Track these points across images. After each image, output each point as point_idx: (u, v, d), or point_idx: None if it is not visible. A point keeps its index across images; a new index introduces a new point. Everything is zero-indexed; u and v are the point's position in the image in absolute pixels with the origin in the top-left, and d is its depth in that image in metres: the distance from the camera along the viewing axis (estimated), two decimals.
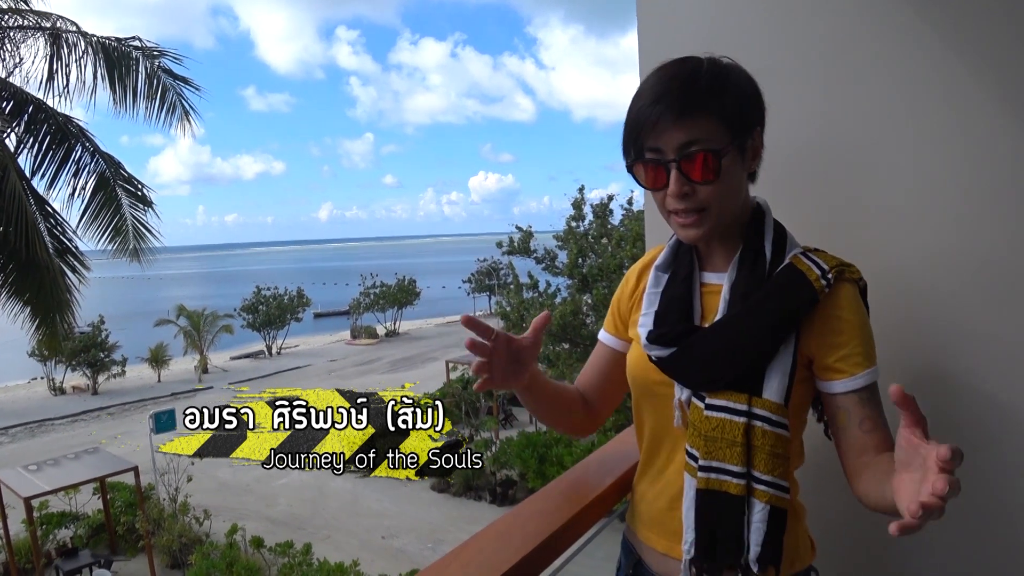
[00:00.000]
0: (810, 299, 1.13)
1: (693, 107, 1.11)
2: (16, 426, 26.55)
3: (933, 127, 1.32)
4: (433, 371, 29.67)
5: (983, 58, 1.26)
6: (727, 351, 1.16)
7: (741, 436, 1.14)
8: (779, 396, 1.14)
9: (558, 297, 17.60)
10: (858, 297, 1.17)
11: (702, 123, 1.11)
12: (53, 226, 9.45)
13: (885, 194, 1.40)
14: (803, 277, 1.14)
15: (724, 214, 1.17)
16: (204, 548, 12.93)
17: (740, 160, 1.16)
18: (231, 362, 38.51)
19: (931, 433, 1.36)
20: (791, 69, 1.50)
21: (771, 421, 1.13)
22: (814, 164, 1.50)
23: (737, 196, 1.19)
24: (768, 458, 1.13)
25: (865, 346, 1.14)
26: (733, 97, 1.14)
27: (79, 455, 14.48)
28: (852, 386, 1.14)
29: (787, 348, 1.15)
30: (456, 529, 14.71)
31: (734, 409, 1.15)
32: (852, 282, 1.17)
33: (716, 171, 1.11)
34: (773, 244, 1.21)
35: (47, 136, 9.39)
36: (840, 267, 1.16)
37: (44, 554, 13.24)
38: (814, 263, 1.15)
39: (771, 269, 1.19)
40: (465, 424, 19.48)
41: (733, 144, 1.13)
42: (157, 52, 9.96)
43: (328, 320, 54.20)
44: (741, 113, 1.14)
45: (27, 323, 9.19)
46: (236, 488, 18.46)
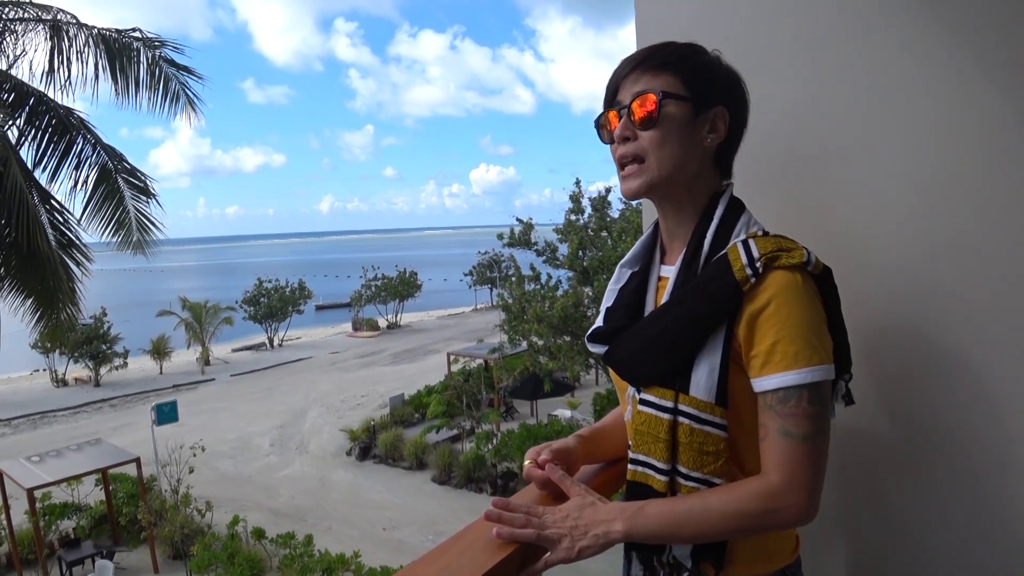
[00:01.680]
0: (733, 291, 1.06)
1: (653, 61, 1.17)
2: (19, 417, 26.63)
3: (919, 120, 1.32)
4: (435, 363, 29.69)
5: (974, 51, 1.27)
6: (649, 346, 1.15)
7: (665, 432, 1.12)
8: (706, 393, 1.09)
9: (559, 289, 17.60)
10: (792, 287, 1.04)
11: (661, 76, 1.15)
12: (55, 218, 9.46)
13: (879, 186, 1.39)
14: (728, 268, 1.07)
15: (663, 168, 1.15)
16: (206, 539, 12.98)
17: (691, 121, 1.15)
18: (233, 354, 38.55)
19: (913, 432, 1.37)
20: (787, 61, 1.50)
21: (697, 419, 1.09)
22: (794, 156, 1.50)
23: (682, 156, 1.16)
24: (696, 455, 1.10)
25: (781, 345, 1.03)
26: (700, 65, 1.18)
27: (81, 446, 14.52)
28: (757, 387, 1.07)
29: (716, 343, 1.09)
30: (457, 521, 14.74)
31: (660, 405, 1.13)
32: (791, 269, 1.05)
33: (657, 113, 1.13)
34: (716, 230, 1.16)
35: (48, 128, 9.38)
36: (774, 253, 1.05)
37: (47, 545, 13.29)
38: (746, 251, 1.07)
39: (709, 258, 1.14)
40: (466, 416, 19.51)
41: (686, 100, 1.14)
42: (158, 42, 9.94)
43: (330, 312, 54.26)
44: (703, 78, 1.16)
45: (28, 315, 9.21)
46: (238, 479, 18.52)
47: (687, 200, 1.21)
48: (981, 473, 1.31)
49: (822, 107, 1.45)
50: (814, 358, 1.03)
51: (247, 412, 25.40)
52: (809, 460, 1.03)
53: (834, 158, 1.44)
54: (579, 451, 1.34)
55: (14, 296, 9.00)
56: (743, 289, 1.05)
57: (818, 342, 1.04)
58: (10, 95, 9.18)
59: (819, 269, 1.08)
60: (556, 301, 16.40)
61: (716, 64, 1.20)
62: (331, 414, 24.26)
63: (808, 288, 1.06)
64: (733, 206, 1.19)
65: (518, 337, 18.33)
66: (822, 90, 1.46)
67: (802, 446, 1.03)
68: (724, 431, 1.09)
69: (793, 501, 1.02)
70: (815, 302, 1.07)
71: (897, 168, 1.36)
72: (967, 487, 1.32)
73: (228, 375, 32.93)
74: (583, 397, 21.29)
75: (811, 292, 1.06)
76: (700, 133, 1.17)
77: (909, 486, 1.41)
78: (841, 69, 1.42)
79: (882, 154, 1.37)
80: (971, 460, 1.31)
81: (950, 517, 1.35)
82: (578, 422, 18.06)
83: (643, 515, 1.07)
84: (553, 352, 16.95)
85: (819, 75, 1.45)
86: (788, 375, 1.03)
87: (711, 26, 1.62)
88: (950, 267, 1.31)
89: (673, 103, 1.14)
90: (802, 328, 1.03)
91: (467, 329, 39.99)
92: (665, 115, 1.14)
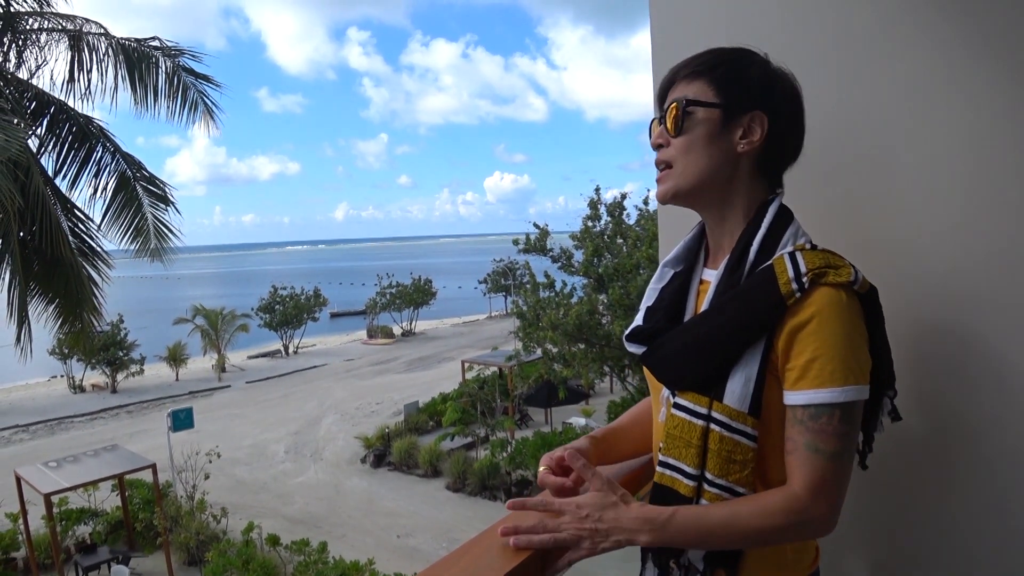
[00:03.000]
0: (776, 304, 1.05)
1: (688, 68, 1.19)
2: (36, 423, 26.84)
3: (955, 123, 1.30)
4: (449, 371, 29.72)
5: (1009, 55, 1.25)
6: (687, 352, 1.15)
7: (698, 439, 1.11)
8: (740, 403, 1.08)
9: (574, 296, 17.56)
10: (836, 305, 1.04)
11: (694, 84, 1.18)
12: (76, 226, 9.55)
13: (904, 191, 1.38)
14: (774, 280, 1.07)
15: (687, 175, 1.17)
16: (221, 545, 13.01)
17: (721, 127, 1.15)
18: (248, 361, 38.74)
19: (947, 440, 1.35)
20: (805, 65, 1.49)
21: (729, 427, 1.09)
22: (831, 161, 1.48)
23: (708, 162, 1.16)
24: (723, 463, 1.09)
25: (817, 361, 1.03)
26: (733, 69, 1.18)
27: (98, 452, 14.60)
28: (788, 401, 1.07)
29: (754, 353, 1.08)
30: (471, 528, 14.70)
31: (694, 411, 1.13)
32: (837, 287, 1.04)
33: (684, 120, 1.16)
34: (763, 239, 1.14)
35: (69, 136, 9.48)
36: (822, 270, 1.04)
37: (63, 550, 13.39)
38: (793, 264, 1.06)
39: (754, 267, 1.13)
40: (481, 424, 19.49)
41: (716, 106, 1.15)
42: (177, 52, 10.04)
43: (345, 320, 54.45)
44: (736, 83, 1.16)
45: (50, 321, 9.29)
46: (253, 486, 18.58)
47: (727, 207, 1.20)
48: (1009, 484, 1.29)
49: (851, 114, 1.43)
50: (850, 378, 1.02)
51: (262, 419, 25.50)
52: (835, 477, 1.04)
53: (869, 165, 1.42)
54: (592, 452, 1.33)
55: (37, 301, 9.09)
56: (787, 303, 1.05)
57: (855, 362, 1.04)
58: (32, 104, 9.30)
59: (865, 288, 1.07)
60: (571, 309, 16.36)
61: (753, 67, 1.18)
62: (346, 421, 24.30)
63: (852, 307, 1.05)
64: (781, 215, 1.17)
65: (532, 344, 18.30)
66: (841, 95, 1.45)
67: (829, 463, 1.03)
68: (754, 441, 1.09)
69: (818, 515, 1.03)
70: (857, 321, 1.06)
71: (936, 175, 1.34)
72: (1004, 498, 1.30)
73: (244, 382, 33.08)
74: (597, 405, 21.23)
75: (854, 311, 1.06)
76: (732, 139, 1.16)
77: (939, 496, 1.39)
78: (870, 75, 1.40)
79: (919, 160, 1.36)
80: (1013, 471, 1.29)
81: (984, 527, 1.33)
82: (592, 430, 17.96)
83: (671, 526, 1.06)
84: (567, 360, 16.89)
85: (837, 80, 1.44)
86: (822, 392, 1.03)
87: (728, 32, 1.61)
88: (991, 274, 1.29)
89: (700, 110, 1.15)
90: (841, 347, 1.03)
91: (482, 337, 40.01)
92: (691, 122, 1.15)
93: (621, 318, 15.65)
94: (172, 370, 34.27)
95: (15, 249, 8.08)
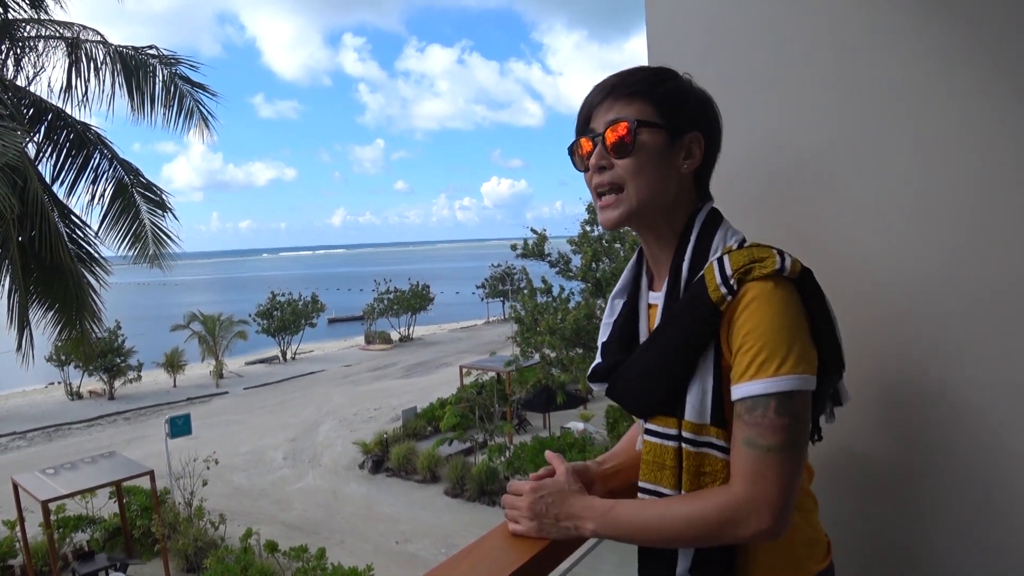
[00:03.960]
0: (710, 313, 1.06)
1: (625, 88, 1.16)
2: (34, 430, 26.76)
3: (937, 129, 1.32)
4: (447, 376, 29.67)
5: (991, 63, 1.27)
6: (643, 379, 1.15)
7: (672, 460, 1.11)
8: (700, 416, 1.08)
9: (572, 301, 17.57)
10: (765, 296, 1.02)
11: (634, 104, 1.15)
12: (74, 232, 9.56)
13: (876, 200, 1.39)
14: (704, 290, 1.07)
15: (641, 197, 1.14)
16: (219, 552, 12.97)
17: (666, 148, 1.15)
18: (246, 367, 38.66)
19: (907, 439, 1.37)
20: (799, 70, 1.51)
21: (694, 442, 1.09)
22: (818, 164, 1.50)
23: (658, 184, 1.15)
24: (692, 478, 1.09)
25: (755, 355, 1.01)
26: (672, 91, 1.17)
27: (96, 459, 14.58)
28: (732, 397, 1.05)
29: (706, 364, 1.08)
30: (470, 534, 14.68)
31: (664, 434, 1.13)
32: (764, 279, 1.03)
33: (632, 142, 1.12)
34: (693, 252, 1.15)
35: (66, 143, 9.50)
36: (747, 267, 1.04)
37: (61, 557, 13.34)
38: (720, 269, 1.06)
39: (688, 281, 1.13)
40: (479, 429, 19.47)
41: (660, 127, 1.14)
42: (173, 60, 10.07)
43: (342, 325, 54.37)
44: (675, 105, 1.16)
45: (49, 328, 9.29)
46: (251, 492, 18.54)
47: (666, 225, 1.20)
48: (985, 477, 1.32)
49: (846, 118, 1.45)
50: (783, 367, 1.00)
51: (260, 425, 25.45)
52: (775, 472, 1.00)
53: (850, 168, 1.44)
54: (596, 470, 1.34)
55: (36, 308, 9.08)
56: (720, 308, 1.05)
57: (790, 351, 1.01)
58: (29, 110, 9.31)
59: (796, 272, 1.05)
60: (568, 313, 16.38)
61: (688, 89, 1.20)
62: (344, 427, 24.26)
63: (783, 294, 1.03)
64: (710, 222, 1.18)
65: (530, 349, 18.31)
66: (832, 99, 1.46)
67: (767, 458, 1.00)
68: (724, 452, 1.08)
69: (755, 514, 0.99)
70: (791, 308, 1.04)
71: (895, 182, 1.37)
72: (1003, 496, 1.32)
73: (241, 388, 33.01)
74: (596, 409, 21.20)
75: (786, 298, 1.04)
76: (676, 160, 1.16)
77: (938, 495, 1.40)
78: (864, 79, 1.42)
79: (900, 164, 1.38)
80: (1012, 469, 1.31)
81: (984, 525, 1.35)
82: (590, 434, 17.99)
83: (612, 516, 1.10)
84: (565, 364, 16.91)
85: (836, 85, 1.45)
86: (754, 384, 1.01)
87: (721, 36, 1.63)
88: (945, 282, 1.32)
89: (647, 131, 1.13)
90: (772, 336, 1.01)
91: (479, 342, 39.97)
92: (640, 143, 1.13)
93: None
94: (170, 376, 34.18)
95: (14, 255, 8.08)
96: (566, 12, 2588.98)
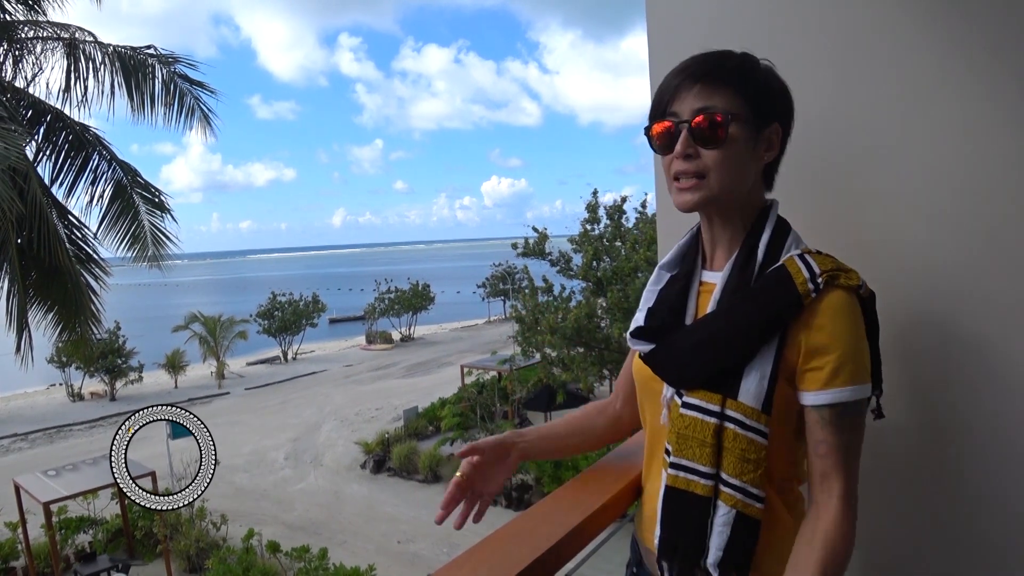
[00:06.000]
0: (794, 302, 1.08)
1: (715, 76, 1.14)
2: (35, 432, 26.79)
3: (948, 124, 1.31)
4: (448, 376, 29.68)
5: (998, 52, 1.26)
6: (701, 350, 1.15)
7: (711, 436, 1.12)
8: (755, 400, 1.10)
9: (573, 300, 17.57)
10: (850, 307, 1.08)
11: (721, 92, 1.13)
12: (73, 233, 9.56)
13: (912, 191, 1.38)
14: (790, 279, 1.09)
15: (723, 187, 1.14)
16: (221, 553, 12.98)
17: (752, 140, 1.15)
18: (247, 368, 38.70)
19: (945, 439, 1.35)
20: (800, 67, 1.49)
21: (743, 425, 1.10)
22: (824, 164, 1.49)
23: (741, 175, 1.16)
24: (737, 462, 1.10)
25: (842, 361, 1.06)
26: (758, 81, 1.17)
27: (97, 460, 14.56)
28: (815, 401, 1.08)
29: (768, 352, 1.10)
30: (472, 534, 14.34)
31: (706, 409, 1.13)
32: (847, 289, 1.08)
33: (724, 134, 1.12)
34: (769, 243, 1.16)
35: (65, 145, 9.51)
36: (835, 272, 1.08)
37: (63, 559, 13.35)
38: (806, 266, 1.09)
39: (762, 269, 1.15)
40: (480, 428, 19.47)
41: (749, 121, 1.14)
42: (172, 59, 10.07)
43: (343, 325, 54.41)
44: (764, 97, 1.16)
45: (49, 329, 9.29)
46: (253, 493, 18.55)
47: (736, 213, 1.21)
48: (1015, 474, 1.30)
49: (846, 114, 1.44)
50: (866, 376, 1.09)
51: (262, 425, 25.46)
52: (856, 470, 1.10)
53: (865, 164, 1.43)
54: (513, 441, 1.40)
55: (36, 309, 9.09)
56: (804, 302, 1.08)
57: (866, 362, 1.10)
58: (28, 112, 9.31)
59: (868, 294, 1.12)
60: (569, 312, 16.39)
61: (773, 79, 1.20)
62: (345, 427, 24.27)
63: (859, 310, 1.10)
64: (781, 221, 1.21)
65: (531, 349, 18.32)
66: (835, 97, 1.45)
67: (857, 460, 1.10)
68: (766, 439, 1.10)
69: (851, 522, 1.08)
70: (863, 324, 1.11)
71: (929, 172, 1.35)
72: (1002, 495, 1.31)
73: (243, 389, 33.04)
74: None
75: (861, 314, 1.11)
76: (759, 151, 1.18)
77: (938, 494, 1.39)
78: (866, 75, 1.41)
79: (914, 158, 1.36)
80: (1011, 468, 1.30)
81: (983, 525, 1.34)
82: None
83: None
84: (567, 363, 16.91)
85: (844, 81, 1.44)
86: (836, 392, 1.07)
87: (723, 33, 1.60)
88: (983, 271, 1.30)
89: (736, 123, 1.13)
90: (858, 348, 1.08)
91: (480, 341, 39.99)
92: (731, 136, 1.12)
93: (620, 321, 15.69)
94: (171, 377, 34.21)
95: (13, 257, 8.08)
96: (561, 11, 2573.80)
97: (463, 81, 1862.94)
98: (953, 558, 1.38)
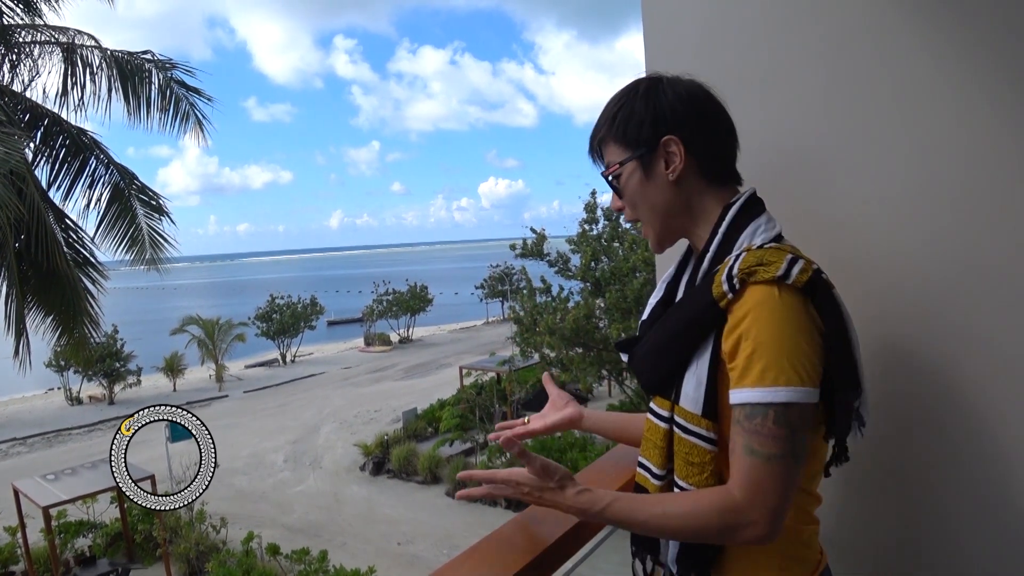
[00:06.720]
0: (708, 304, 1.07)
1: (595, 139, 1.26)
2: (34, 436, 26.75)
3: (942, 125, 1.31)
4: (447, 377, 29.66)
5: (987, 60, 1.26)
6: (647, 359, 1.21)
7: (662, 440, 1.17)
8: (694, 405, 1.10)
9: (571, 301, 17.56)
10: (768, 302, 1.01)
11: (607, 150, 1.25)
12: (71, 237, 9.55)
13: (893, 196, 1.38)
14: (711, 283, 1.07)
15: (657, 222, 1.23)
16: (221, 556, 12.96)
17: (645, 170, 1.19)
18: (246, 370, 38.66)
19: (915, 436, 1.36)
20: (799, 68, 1.50)
21: (686, 429, 1.11)
22: (817, 164, 1.49)
23: (660, 202, 1.21)
24: (683, 465, 1.12)
25: (753, 360, 1.00)
26: (625, 118, 1.21)
27: (96, 464, 14.55)
28: (731, 400, 1.04)
29: (702, 356, 1.09)
30: (472, 534, 14.67)
31: (659, 414, 1.18)
32: (767, 283, 1.01)
33: (619, 183, 1.23)
34: (719, 244, 1.15)
35: (62, 148, 9.51)
36: (753, 268, 1.02)
37: (63, 563, 13.32)
38: (729, 266, 1.06)
39: (707, 273, 1.15)
40: (479, 430, 19.47)
41: (633, 159, 1.20)
42: (169, 64, 10.07)
43: (342, 328, 54.35)
44: (636, 128, 1.19)
45: (47, 333, 9.28)
46: (252, 496, 18.53)
47: (698, 225, 1.22)
48: (994, 477, 1.30)
49: (840, 114, 1.44)
50: (780, 378, 0.98)
51: (261, 428, 25.43)
52: (773, 481, 0.99)
53: (859, 164, 1.43)
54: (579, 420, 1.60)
55: (34, 313, 9.08)
56: (720, 305, 1.05)
57: (789, 362, 0.99)
58: (25, 115, 9.30)
59: (801, 282, 1.01)
60: (568, 313, 16.38)
61: (637, 101, 1.20)
62: (344, 429, 24.25)
63: (787, 302, 1.01)
64: (741, 215, 1.16)
65: (530, 349, 18.30)
66: (829, 97, 1.45)
67: (766, 466, 0.99)
68: (712, 444, 1.09)
69: (754, 520, 1.00)
70: (795, 317, 1.01)
71: (912, 177, 1.35)
72: (1003, 495, 1.31)
73: (241, 391, 33.00)
74: (596, 409, 21.18)
75: (791, 307, 1.01)
76: (660, 173, 1.19)
77: (938, 494, 1.39)
78: (860, 75, 1.41)
79: (907, 158, 1.36)
80: (1011, 468, 1.30)
81: (983, 525, 1.34)
82: (590, 434, 17.98)
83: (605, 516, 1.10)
84: (565, 364, 16.90)
85: (837, 81, 1.45)
86: (754, 391, 1.00)
87: (718, 33, 1.62)
88: (966, 277, 1.31)
89: (622, 170, 1.21)
90: (772, 345, 0.99)
91: (479, 342, 39.98)
92: (623, 183, 1.22)
93: (618, 321, 15.68)
94: (170, 380, 34.18)
95: (11, 261, 8.07)
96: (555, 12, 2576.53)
97: (459, 82, 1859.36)
98: (956, 562, 1.39)
